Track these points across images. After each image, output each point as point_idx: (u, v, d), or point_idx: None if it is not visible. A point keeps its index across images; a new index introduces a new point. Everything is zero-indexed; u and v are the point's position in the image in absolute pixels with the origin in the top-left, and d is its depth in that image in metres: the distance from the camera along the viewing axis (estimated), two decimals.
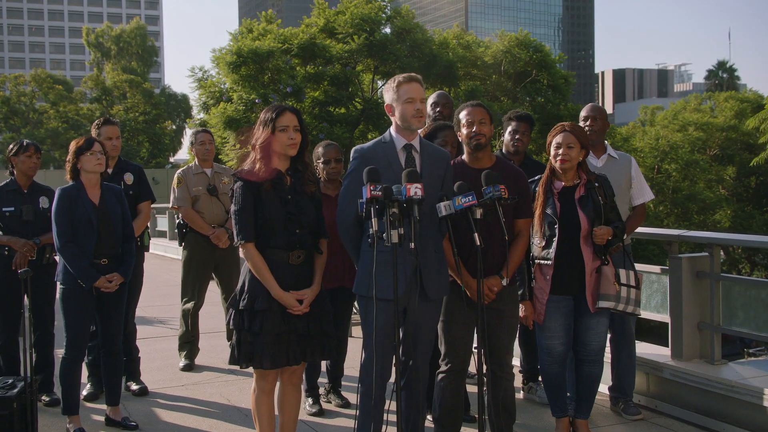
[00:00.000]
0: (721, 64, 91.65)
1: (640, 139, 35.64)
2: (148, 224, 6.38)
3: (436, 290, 4.21)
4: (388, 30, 25.84)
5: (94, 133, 6.06)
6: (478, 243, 3.83)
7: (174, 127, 61.11)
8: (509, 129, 5.67)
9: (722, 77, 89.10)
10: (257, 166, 4.09)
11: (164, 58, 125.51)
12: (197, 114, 27.92)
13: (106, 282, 5.09)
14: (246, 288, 4.12)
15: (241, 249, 4.09)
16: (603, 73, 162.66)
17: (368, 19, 24.05)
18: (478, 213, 3.88)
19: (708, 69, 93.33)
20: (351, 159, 4.23)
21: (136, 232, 5.97)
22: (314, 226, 4.20)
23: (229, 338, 5.12)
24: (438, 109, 5.85)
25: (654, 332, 8.84)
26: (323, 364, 5.76)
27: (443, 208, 3.88)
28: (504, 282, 4.39)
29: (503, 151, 5.74)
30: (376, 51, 23.79)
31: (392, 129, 4.27)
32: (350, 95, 24.23)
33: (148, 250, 6.39)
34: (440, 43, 26.84)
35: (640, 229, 5.86)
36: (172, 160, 59.44)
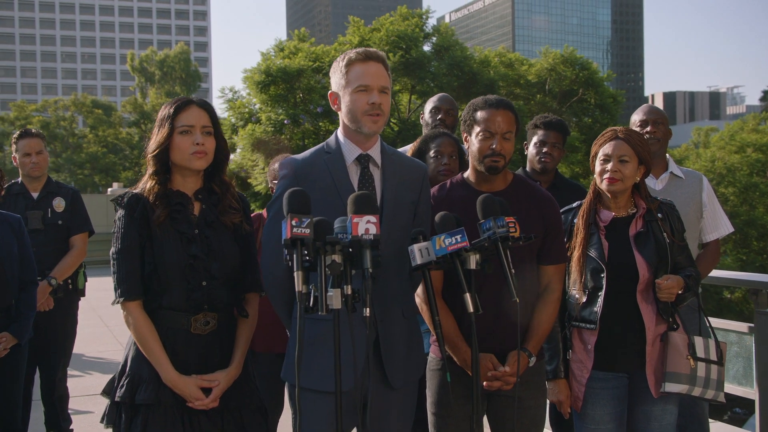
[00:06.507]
0: None
1: (695, 161, 33.89)
2: (84, 262, 5.09)
3: (403, 374, 2.83)
4: (427, 48, 24.96)
5: (13, 149, 4.87)
6: (472, 309, 2.43)
7: None
8: (534, 140, 4.19)
9: None
10: (148, 185, 2.77)
11: (212, 84, 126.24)
12: (229, 138, 27.10)
13: None
14: (127, 369, 2.77)
15: (122, 310, 2.75)
16: (653, 95, 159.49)
17: (404, 36, 23.44)
18: (473, 261, 2.47)
19: (763, 90, 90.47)
20: (279, 176, 2.85)
21: (67, 271, 4.84)
22: (234, 276, 2.84)
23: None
24: (439, 116, 4.45)
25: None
26: None
27: (417, 252, 2.44)
28: (531, 361, 3.01)
29: (526, 169, 4.28)
30: (413, 69, 23.15)
31: (339, 132, 2.90)
32: None
33: (83, 295, 5.10)
34: (481, 61, 25.73)
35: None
36: None
